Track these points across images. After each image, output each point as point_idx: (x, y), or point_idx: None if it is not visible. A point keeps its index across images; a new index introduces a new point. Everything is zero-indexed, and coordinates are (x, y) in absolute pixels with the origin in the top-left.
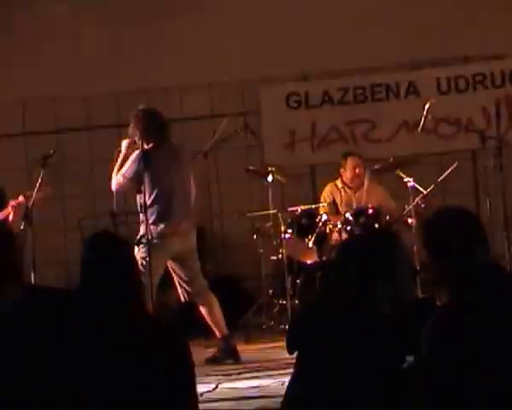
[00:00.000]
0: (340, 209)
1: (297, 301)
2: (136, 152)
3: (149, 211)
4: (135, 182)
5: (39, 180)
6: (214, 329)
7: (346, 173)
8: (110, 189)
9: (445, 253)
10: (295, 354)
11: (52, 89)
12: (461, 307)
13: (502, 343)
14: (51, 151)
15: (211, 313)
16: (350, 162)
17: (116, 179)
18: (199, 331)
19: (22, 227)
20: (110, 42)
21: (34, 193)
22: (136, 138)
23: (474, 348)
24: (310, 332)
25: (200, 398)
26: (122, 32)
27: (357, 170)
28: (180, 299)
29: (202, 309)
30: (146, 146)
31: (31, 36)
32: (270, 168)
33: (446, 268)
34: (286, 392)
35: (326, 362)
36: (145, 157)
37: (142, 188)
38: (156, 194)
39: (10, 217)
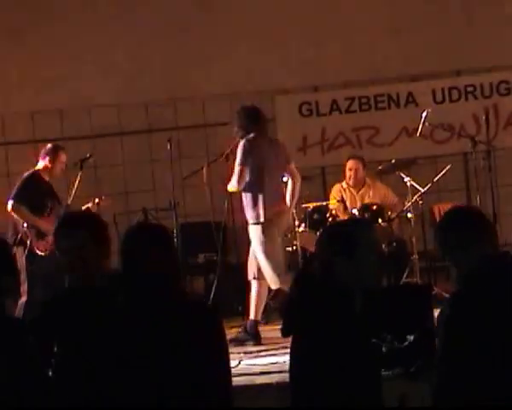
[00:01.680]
0: (348, 206)
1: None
2: (241, 143)
3: (261, 194)
4: (248, 168)
5: (77, 180)
6: (251, 309)
7: (345, 174)
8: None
9: (459, 245)
10: None
11: (88, 98)
12: (474, 290)
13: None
14: (88, 155)
15: (258, 296)
16: (348, 164)
17: (236, 177)
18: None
19: None
20: (141, 56)
21: (73, 192)
22: (238, 135)
23: (486, 328)
24: (296, 317)
25: None
26: (152, 46)
27: (352, 171)
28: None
29: (253, 289)
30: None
31: (70, 50)
32: None
33: (460, 258)
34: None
35: (312, 342)
36: (249, 145)
37: (250, 174)
38: (263, 178)
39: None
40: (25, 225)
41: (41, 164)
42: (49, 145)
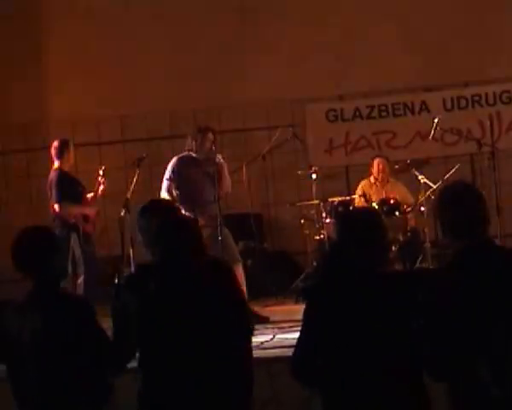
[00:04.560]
0: (370, 200)
1: None
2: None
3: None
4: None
5: (135, 177)
6: None
7: (373, 171)
8: None
9: (451, 229)
10: None
11: (144, 105)
12: (457, 271)
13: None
14: (144, 155)
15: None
16: (374, 163)
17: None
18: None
19: (122, 214)
20: (190, 69)
21: (132, 187)
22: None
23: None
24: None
25: (261, 345)
26: (199, 61)
27: (380, 167)
28: None
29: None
30: None
31: (128, 63)
32: (313, 168)
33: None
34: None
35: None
36: None
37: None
38: None
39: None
40: None
41: (58, 161)
42: (58, 142)
